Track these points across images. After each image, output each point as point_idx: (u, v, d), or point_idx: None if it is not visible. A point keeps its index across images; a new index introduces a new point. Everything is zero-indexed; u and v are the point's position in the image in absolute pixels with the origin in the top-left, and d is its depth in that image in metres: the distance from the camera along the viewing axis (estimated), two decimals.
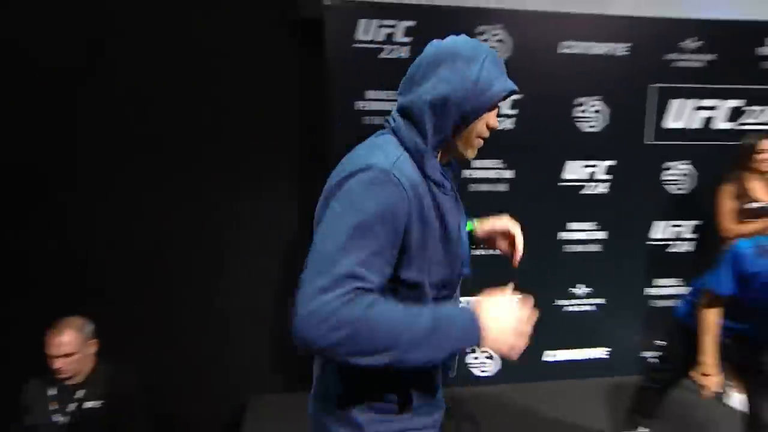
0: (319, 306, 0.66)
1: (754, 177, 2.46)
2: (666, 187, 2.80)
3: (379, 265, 0.72)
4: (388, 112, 2.35)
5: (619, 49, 2.63)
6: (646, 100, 2.70)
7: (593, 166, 2.71)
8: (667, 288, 2.91)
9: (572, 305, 2.84)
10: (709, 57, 2.68)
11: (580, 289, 2.82)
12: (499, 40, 2.51)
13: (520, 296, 0.80)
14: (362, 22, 2.37)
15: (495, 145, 2.56)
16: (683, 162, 2.78)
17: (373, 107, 2.44)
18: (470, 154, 0.92)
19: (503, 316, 0.75)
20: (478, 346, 0.75)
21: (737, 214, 2.45)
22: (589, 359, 2.90)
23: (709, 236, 2.71)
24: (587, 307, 2.85)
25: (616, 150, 2.71)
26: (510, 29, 2.51)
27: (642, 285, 2.90)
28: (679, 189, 2.80)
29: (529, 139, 2.61)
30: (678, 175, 2.80)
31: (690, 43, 2.67)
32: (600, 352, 2.90)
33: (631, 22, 2.63)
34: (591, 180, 2.72)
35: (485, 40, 2.49)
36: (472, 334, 0.73)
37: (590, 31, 2.59)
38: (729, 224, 2.48)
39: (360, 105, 2.43)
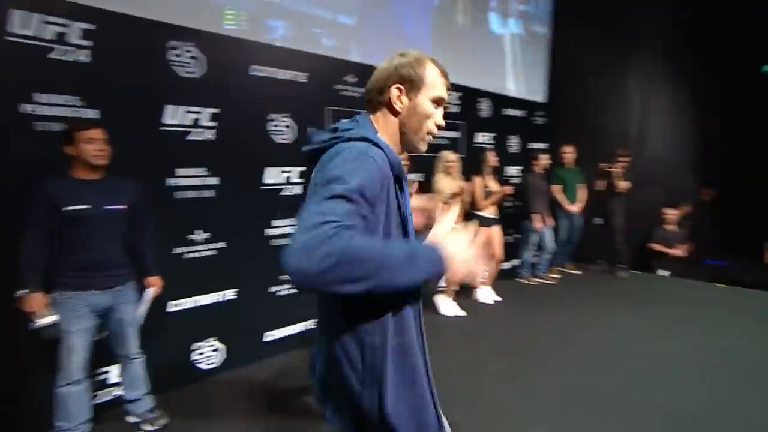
0: (308, 239, 0.74)
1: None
2: None
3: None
4: (66, 119, 2.07)
5: (300, 76, 3.08)
6: (324, 119, 3.26)
7: (288, 171, 3.09)
8: None
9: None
10: (362, 90, 3.44)
11: (284, 278, 3.17)
12: (193, 57, 2.56)
13: (469, 232, 0.94)
14: (17, 14, 1.99)
15: (198, 155, 2.62)
16: None
17: (46, 112, 2.09)
18: None
19: (460, 249, 0.89)
20: (444, 273, 0.86)
21: None
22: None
23: None
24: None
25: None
26: (203, 48, 2.60)
27: None
28: None
29: (231, 149, 2.77)
30: None
31: (350, 79, 3.38)
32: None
33: (308, 56, 3.13)
34: (288, 183, 3.10)
35: (178, 55, 2.50)
36: (440, 263, 0.85)
37: (275, 60, 2.94)
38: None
39: (28, 109, 2.05)
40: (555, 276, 5.21)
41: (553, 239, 5.04)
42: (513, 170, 5.26)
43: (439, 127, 1.07)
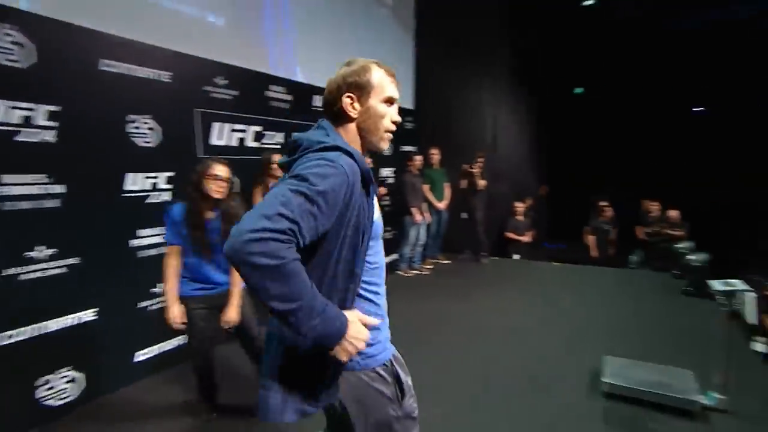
0: (261, 228, 0.79)
1: (272, 181, 3.20)
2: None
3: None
4: None
5: (163, 75, 2.79)
6: (193, 121, 3.00)
7: (154, 177, 2.77)
8: None
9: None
10: (234, 93, 3.26)
11: (155, 291, 2.84)
12: (16, 43, 2.12)
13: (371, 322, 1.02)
14: None
15: (33, 159, 2.20)
16: None
17: None
18: None
19: (359, 334, 0.94)
20: (334, 344, 0.90)
21: None
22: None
23: None
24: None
25: (174, 162, 2.86)
26: (30, 34, 2.16)
27: None
28: None
29: (79, 152, 2.38)
30: None
31: (220, 81, 3.16)
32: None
33: (171, 54, 2.83)
34: (154, 190, 2.77)
35: None
36: (339, 335, 0.90)
37: (131, 55, 2.61)
38: None
39: None
40: (428, 267, 5.59)
41: (425, 233, 5.40)
42: (387, 171, 5.50)
43: (396, 124, 1.12)
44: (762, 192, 7.94)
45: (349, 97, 1.06)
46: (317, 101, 4.16)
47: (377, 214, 1.12)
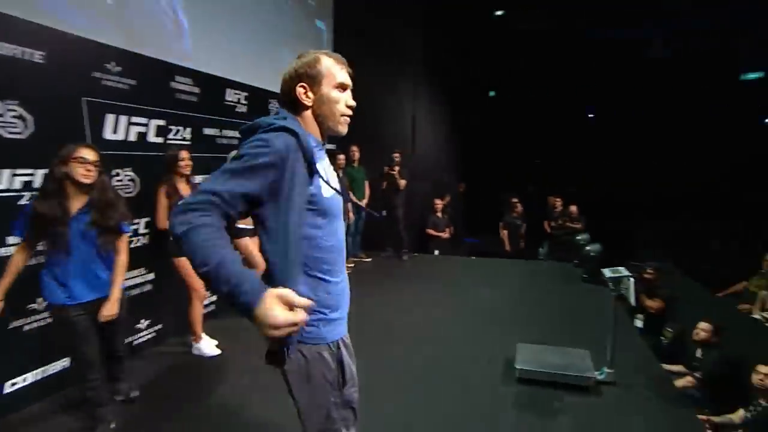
0: (184, 202, 0.92)
1: (180, 179, 2.94)
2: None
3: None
4: None
5: (34, 55, 2.38)
6: (81, 111, 2.63)
7: (27, 174, 2.38)
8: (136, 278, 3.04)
9: None
10: (131, 82, 2.92)
11: (33, 307, 2.46)
12: None
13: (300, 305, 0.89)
14: None
15: None
16: (127, 169, 2.94)
17: None
18: None
19: (266, 318, 0.85)
20: (250, 314, 0.86)
21: (170, 208, 2.87)
22: None
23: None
24: None
25: (53, 158, 2.47)
26: None
27: None
28: (128, 193, 2.94)
29: None
30: (126, 180, 2.94)
31: (113, 67, 2.81)
32: None
33: (42, 29, 2.42)
34: (27, 189, 2.38)
35: None
36: (253, 305, 0.86)
37: None
38: (165, 217, 2.87)
39: None
40: (350, 265, 5.56)
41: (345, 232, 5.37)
42: None
43: (351, 108, 1.20)
44: (642, 190, 9.14)
45: (302, 86, 1.14)
46: (231, 95, 3.90)
47: (329, 193, 1.14)
